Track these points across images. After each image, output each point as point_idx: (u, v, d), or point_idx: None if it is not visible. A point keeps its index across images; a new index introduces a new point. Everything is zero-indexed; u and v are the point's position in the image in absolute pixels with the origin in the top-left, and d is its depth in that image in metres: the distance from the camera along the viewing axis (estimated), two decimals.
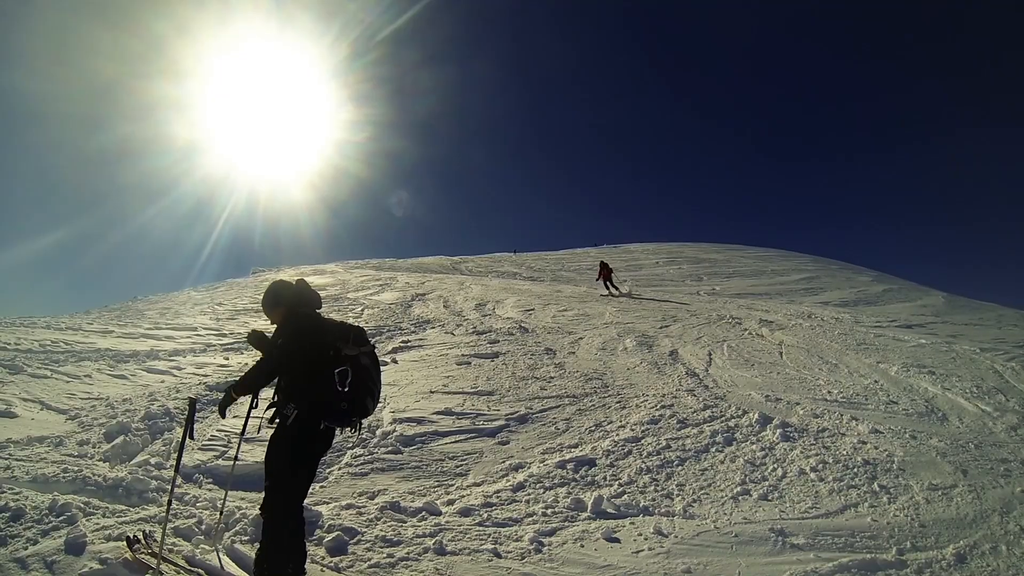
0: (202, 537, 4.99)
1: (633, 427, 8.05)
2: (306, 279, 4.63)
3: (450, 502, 5.72)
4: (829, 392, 10.23)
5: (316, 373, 4.03)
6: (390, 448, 6.95)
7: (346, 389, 4.01)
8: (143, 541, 4.63)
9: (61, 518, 4.95)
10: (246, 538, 4.98)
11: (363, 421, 4.38)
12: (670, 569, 4.85)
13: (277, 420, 4.13)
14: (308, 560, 4.19)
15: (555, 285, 26.55)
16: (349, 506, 5.64)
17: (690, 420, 8.41)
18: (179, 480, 4.92)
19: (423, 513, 5.49)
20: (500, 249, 47.64)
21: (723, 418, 8.53)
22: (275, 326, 4.39)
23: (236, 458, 5.37)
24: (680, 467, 6.99)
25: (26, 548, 4.57)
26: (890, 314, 21.27)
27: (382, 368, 9.42)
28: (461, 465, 6.68)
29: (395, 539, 5.03)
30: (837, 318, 18.56)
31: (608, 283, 24.24)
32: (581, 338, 13.78)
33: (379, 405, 7.97)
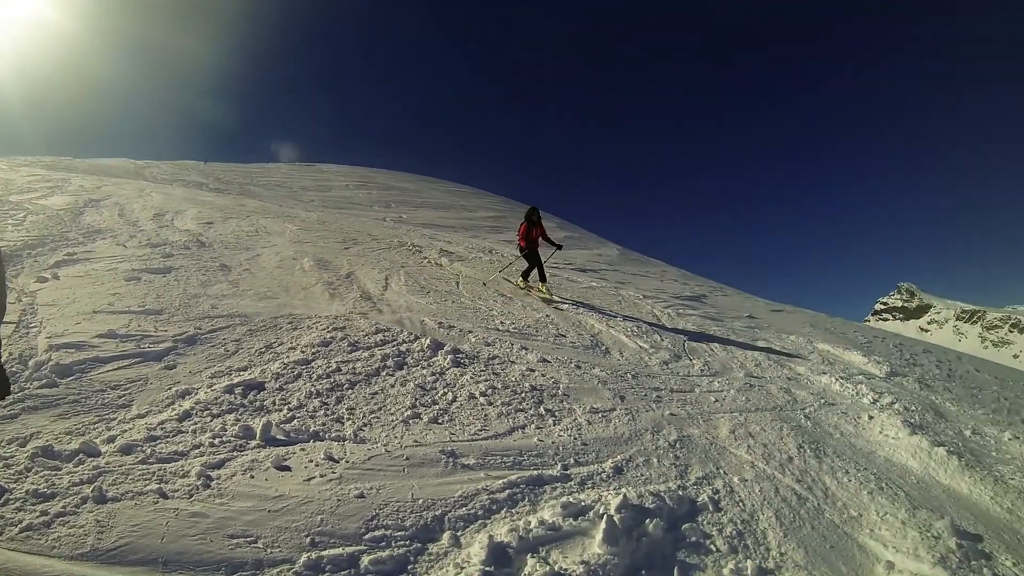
0: None
1: (304, 349, 8.03)
2: None
3: (111, 439, 5.31)
4: (502, 323, 10.96)
5: None
6: (45, 381, 6.18)
7: None
8: None
9: None
10: None
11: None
12: (343, 495, 5.01)
13: None
14: None
15: (240, 199, 25.21)
16: None
17: (362, 343, 8.58)
18: None
19: (80, 456, 5.00)
20: (190, 158, 44.36)
21: (395, 342, 8.80)
22: None
23: None
24: (351, 391, 7.13)
25: None
26: (568, 257, 22.83)
27: (40, 286, 8.59)
28: (124, 395, 6.20)
29: (49, 492, 4.51)
30: (517, 255, 19.62)
31: (535, 257, 14.96)
32: (259, 255, 13.40)
33: (34, 330, 7.31)
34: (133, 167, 33.78)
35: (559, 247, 16.12)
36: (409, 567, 4.44)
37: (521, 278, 15.39)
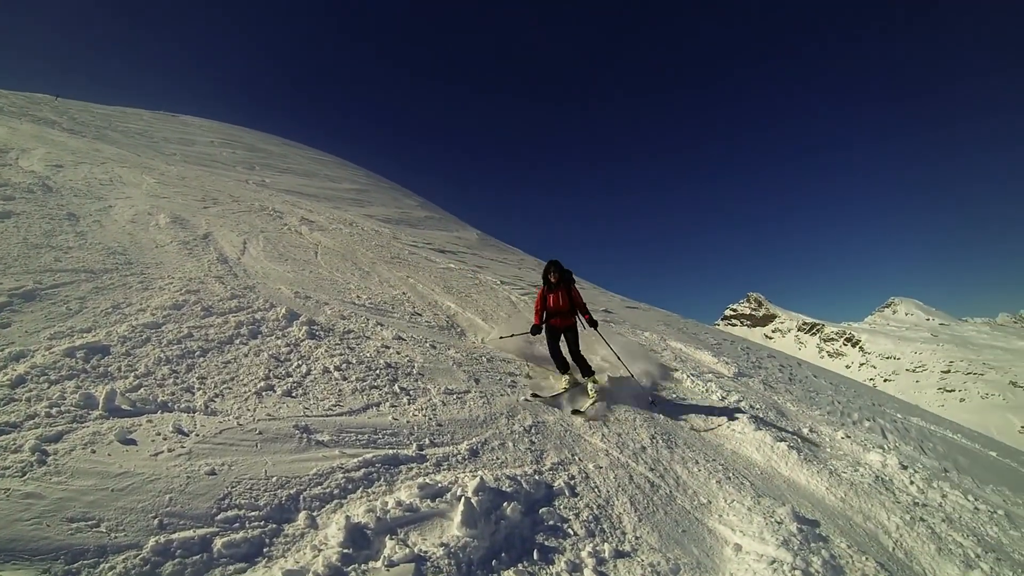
0: None
1: (154, 311, 7.63)
2: None
3: None
4: (358, 297, 10.83)
5: None
6: None
7: None
8: None
9: None
10: None
11: None
12: (193, 471, 4.74)
13: None
14: None
15: (96, 143, 23.68)
16: None
17: (216, 308, 8.27)
18: None
19: None
20: (38, 91, 41.21)
21: (250, 309, 8.54)
22: None
23: None
24: (202, 358, 6.80)
25: None
26: (428, 238, 22.88)
27: None
28: None
29: None
30: (377, 231, 19.45)
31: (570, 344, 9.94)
32: (111, 206, 12.66)
33: None
34: None
35: (594, 325, 9.95)
36: (265, 550, 4.26)
37: (562, 376, 9.76)
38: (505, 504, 5.41)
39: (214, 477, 4.77)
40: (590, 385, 9.27)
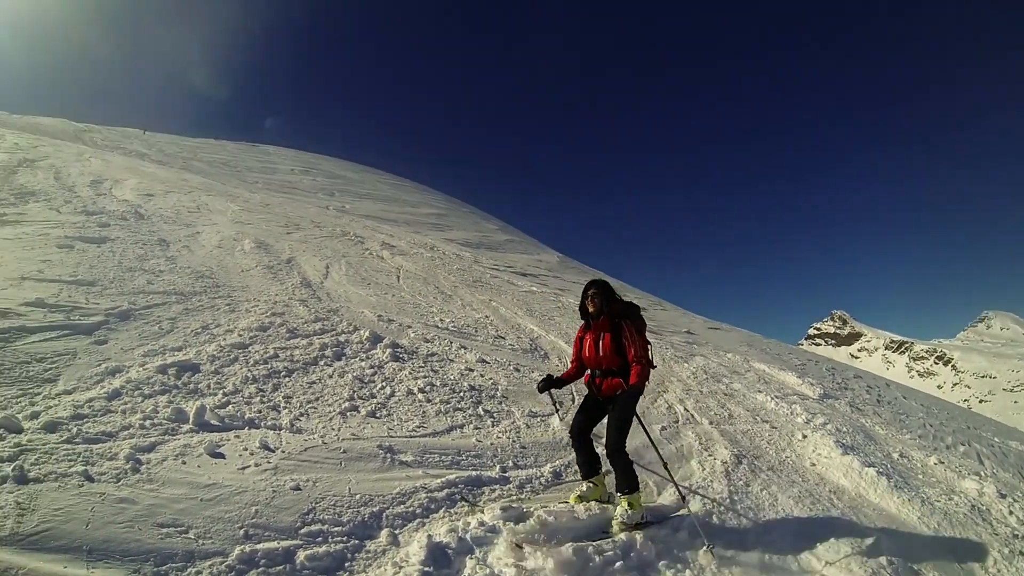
0: None
1: (241, 332, 7.85)
2: None
3: (34, 415, 5.02)
4: (441, 320, 10.86)
5: None
6: None
7: None
8: None
9: None
10: None
11: None
12: (278, 486, 4.85)
13: None
14: None
15: (183, 173, 24.62)
16: None
17: (301, 331, 8.44)
18: None
19: (0, 431, 4.69)
20: (129, 124, 43.39)
21: (334, 332, 8.67)
22: None
23: None
24: (288, 378, 7.00)
25: None
26: (508, 260, 22.94)
27: None
28: (50, 369, 5.89)
29: None
30: (458, 254, 19.57)
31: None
32: (199, 233, 13.05)
33: None
34: (72, 130, 32.83)
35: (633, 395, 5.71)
36: (347, 564, 4.29)
37: (585, 480, 5.96)
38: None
39: (299, 492, 4.84)
40: (620, 511, 5.39)
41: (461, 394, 7.69)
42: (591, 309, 6.01)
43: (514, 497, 5.66)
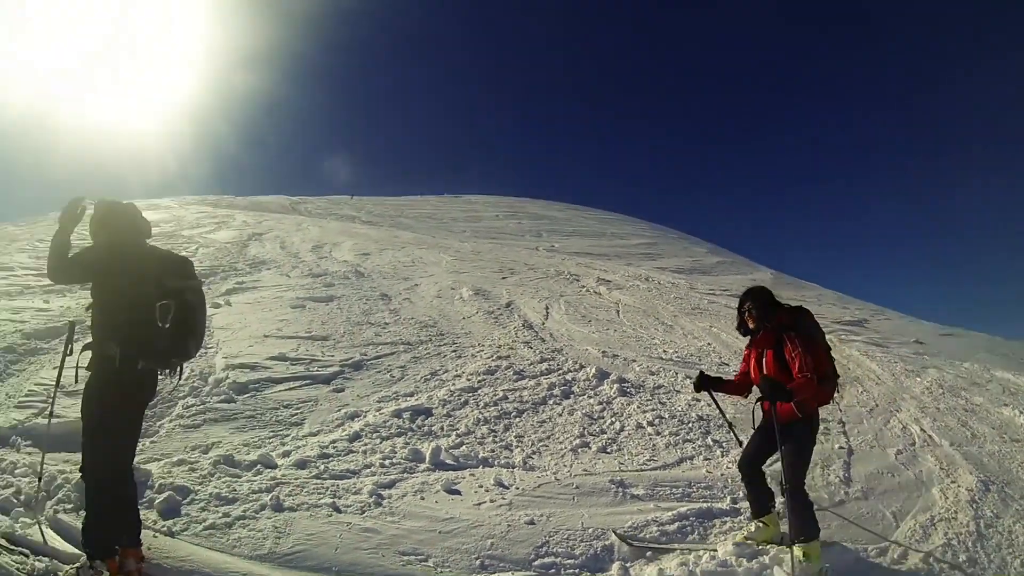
0: (22, 509, 4.39)
1: (469, 377, 8.06)
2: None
3: (286, 453, 5.54)
4: (664, 351, 10.65)
5: (134, 307, 3.66)
6: (223, 397, 6.60)
7: (166, 326, 3.68)
8: None
9: None
10: (70, 506, 4.48)
11: (184, 365, 4.11)
12: (513, 521, 4.92)
13: (92, 364, 3.72)
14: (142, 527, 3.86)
15: (393, 231, 26.08)
16: (181, 462, 5.26)
17: (527, 372, 8.52)
18: None
19: (258, 466, 5.25)
20: (338, 192, 46.59)
21: (560, 371, 8.68)
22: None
23: (51, 413, 4.79)
24: (518, 419, 7.08)
25: None
26: (723, 284, 22.34)
27: (214, 311, 9.04)
28: (296, 414, 6.48)
29: (230, 496, 4.78)
30: (673, 283, 19.32)
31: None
32: (417, 284, 13.65)
33: (211, 350, 7.66)
34: (288, 203, 35.76)
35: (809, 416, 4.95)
36: None
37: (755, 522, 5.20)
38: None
39: (533, 527, 4.88)
40: (798, 563, 4.48)
41: (689, 425, 7.49)
42: (751, 325, 5.28)
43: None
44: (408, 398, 7.21)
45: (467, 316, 11.36)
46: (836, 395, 5.49)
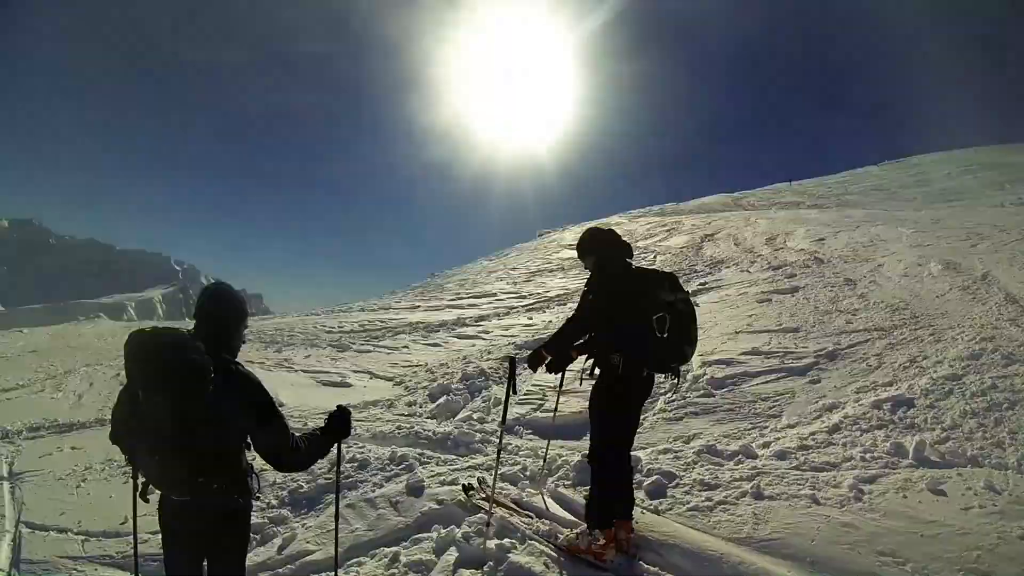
0: (527, 482, 5.54)
1: (951, 363, 7.38)
2: None
3: (765, 445, 5.77)
4: None
5: (634, 322, 4.08)
6: (702, 392, 7.10)
7: (665, 335, 4.03)
8: (478, 487, 5.29)
9: (401, 467, 5.86)
10: (568, 482, 5.48)
11: (680, 368, 4.47)
12: (1004, 532, 4.35)
13: (598, 371, 4.31)
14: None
15: (842, 211, 25.04)
16: (666, 451, 5.88)
17: (1017, 355, 7.45)
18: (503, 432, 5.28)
19: (739, 456, 5.58)
20: (773, 181, 45.91)
21: None
22: (588, 275, 4.51)
23: (556, 409, 5.92)
24: (1011, 411, 6.14)
25: (374, 491, 5.45)
26: None
27: None
28: (774, 406, 6.69)
29: (712, 482, 5.18)
30: None
31: None
32: (880, 265, 13.05)
33: None
34: (731, 200, 36.31)
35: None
36: None
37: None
38: None
39: None
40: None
41: None
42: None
43: None
44: (887, 388, 6.94)
45: (940, 294, 10.55)
46: None
